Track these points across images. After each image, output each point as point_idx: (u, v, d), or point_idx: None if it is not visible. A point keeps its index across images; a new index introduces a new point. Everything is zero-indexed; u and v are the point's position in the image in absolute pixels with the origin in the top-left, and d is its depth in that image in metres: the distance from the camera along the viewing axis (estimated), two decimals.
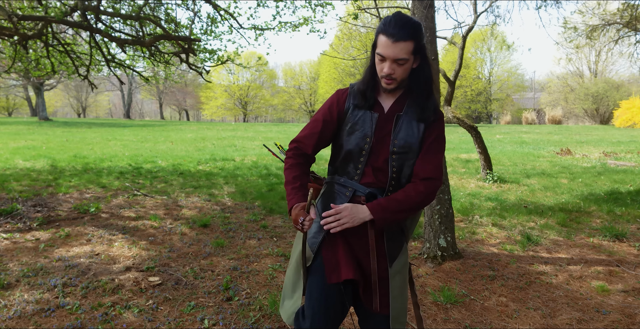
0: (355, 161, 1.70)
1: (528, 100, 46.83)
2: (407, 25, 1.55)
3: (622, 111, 27.92)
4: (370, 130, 1.67)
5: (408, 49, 1.56)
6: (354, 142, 1.69)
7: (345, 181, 1.72)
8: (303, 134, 1.76)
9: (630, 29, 10.27)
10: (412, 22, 1.57)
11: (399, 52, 1.55)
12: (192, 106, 56.76)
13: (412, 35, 1.56)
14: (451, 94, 7.59)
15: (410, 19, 1.58)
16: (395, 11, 1.67)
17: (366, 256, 1.68)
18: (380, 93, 1.72)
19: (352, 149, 1.69)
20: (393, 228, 1.73)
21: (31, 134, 18.42)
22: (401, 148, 1.66)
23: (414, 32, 1.56)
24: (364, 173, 1.69)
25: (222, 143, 16.21)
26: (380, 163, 1.68)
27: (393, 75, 1.60)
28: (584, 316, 2.85)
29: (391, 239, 1.72)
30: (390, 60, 1.57)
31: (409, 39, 1.55)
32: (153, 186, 7.18)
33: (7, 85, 36.28)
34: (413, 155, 1.68)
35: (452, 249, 3.84)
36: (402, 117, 1.68)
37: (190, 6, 7.24)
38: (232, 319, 2.79)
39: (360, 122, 1.69)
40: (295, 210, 1.61)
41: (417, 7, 3.78)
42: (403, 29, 1.54)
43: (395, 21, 1.56)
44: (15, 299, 2.99)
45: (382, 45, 1.57)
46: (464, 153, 12.42)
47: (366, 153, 1.67)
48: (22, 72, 10.17)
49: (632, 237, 4.52)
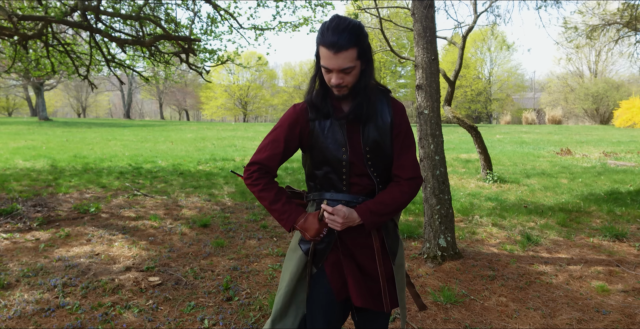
0: (338, 173, 1.63)
1: (528, 100, 46.83)
2: (345, 32, 1.44)
3: (622, 111, 27.92)
4: (343, 138, 1.61)
5: (352, 56, 1.48)
6: (331, 154, 1.62)
7: (334, 196, 1.65)
8: (264, 155, 1.65)
9: (630, 29, 10.27)
10: (350, 27, 1.46)
11: (342, 62, 1.47)
12: (192, 106, 56.77)
13: (353, 42, 1.46)
14: (451, 94, 7.59)
15: (348, 23, 1.46)
16: (333, 15, 1.56)
17: (367, 258, 1.66)
18: (335, 100, 1.65)
19: (331, 161, 1.62)
20: (388, 223, 1.72)
21: (31, 134, 18.42)
22: (372, 147, 1.62)
23: (354, 38, 1.46)
24: (350, 183, 1.64)
25: (222, 143, 16.21)
26: (361, 168, 1.63)
27: (342, 83, 1.54)
28: (584, 316, 2.85)
29: (388, 235, 1.71)
30: (335, 71, 1.51)
31: (351, 46, 1.46)
32: (153, 186, 7.18)
33: (7, 85, 36.28)
34: (387, 150, 1.64)
35: (452, 249, 3.84)
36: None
37: (190, 6, 7.24)
38: (232, 319, 2.79)
39: (330, 133, 1.62)
40: (307, 222, 1.58)
41: (417, 7, 3.78)
42: (342, 36, 1.44)
43: (333, 29, 1.45)
44: (15, 299, 2.99)
45: (324, 57, 1.48)
46: (464, 153, 12.43)
47: (346, 162, 1.61)
48: (22, 72, 10.17)
49: (632, 237, 4.52)
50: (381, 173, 1.66)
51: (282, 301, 1.69)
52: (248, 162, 1.69)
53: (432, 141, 3.78)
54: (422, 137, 3.82)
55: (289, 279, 1.69)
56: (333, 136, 1.61)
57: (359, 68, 1.54)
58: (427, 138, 3.79)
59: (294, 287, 1.69)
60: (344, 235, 1.65)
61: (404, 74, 39.40)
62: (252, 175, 1.65)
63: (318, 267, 1.67)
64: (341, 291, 1.65)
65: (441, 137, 3.83)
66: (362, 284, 1.64)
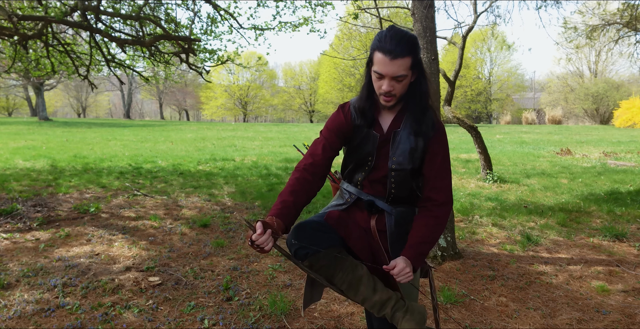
0: (359, 173, 1.77)
1: (528, 100, 46.81)
2: (403, 41, 1.52)
3: (622, 111, 27.92)
4: (372, 150, 1.71)
5: (406, 65, 1.54)
6: (358, 157, 1.75)
7: (349, 187, 1.81)
8: (312, 151, 1.76)
9: (630, 29, 10.27)
10: (408, 37, 1.54)
11: (397, 69, 1.53)
12: (192, 106, 56.76)
13: (410, 51, 1.53)
14: (451, 94, 7.59)
15: (406, 33, 1.55)
16: (389, 25, 1.65)
17: (364, 247, 1.74)
18: (379, 110, 1.73)
19: (356, 163, 1.76)
20: (399, 230, 1.76)
21: (31, 134, 18.42)
22: (400, 165, 1.69)
23: (411, 47, 1.54)
24: (363, 185, 1.78)
25: (222, 143, 16.21)
26: (379, 178, 1.73)
27: (392, 91, 1.59)
28: (584, 316, 2.85)
29: (395, 241, 1.76)
30: (388, 77, 1.55)
31: (407, 54, 1.53)
32: (153, 186, 7.18)
33: (7, 85, 36.26)
34: (412, 171, 1.71)
35: (452, 249, 3.84)
36: (399, 134, 1.69)
37: (190, 6, 7.25)
38: (232, 319, 2.79)
39: (364, 141, 1.72)
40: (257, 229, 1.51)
41: (417, 7, 3.78)
42: (400, 44, 1.51)
43: (391, 36, 1.52)
44: (15, 299, 2.99)
45: (380, 62, 1.54)
46: (464, 153, 12.42)
47: (368, 168, 1.74)
48: (22, 72, 10.17)
49: (632, 237, 4.52)
50: (398, 188, 1.73)
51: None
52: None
53: None
54: None
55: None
56: (366, 144, 1.73)
57: (409, 78, 1.61)
58: None
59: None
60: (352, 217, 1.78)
61: None
62: (300, 165, 1.75)
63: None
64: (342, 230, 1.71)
65: None
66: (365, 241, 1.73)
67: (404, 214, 1.76)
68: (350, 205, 1.80)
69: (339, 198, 1.86)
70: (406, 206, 1.78)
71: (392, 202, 1.76)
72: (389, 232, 1.74)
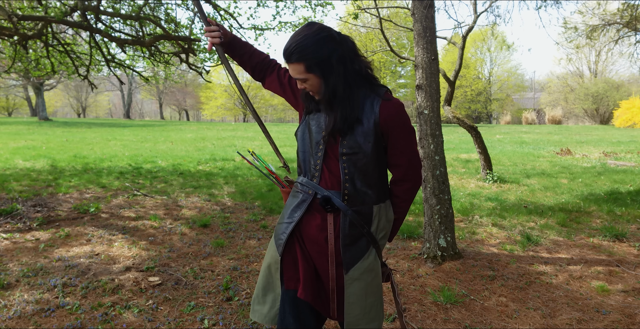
0: (315, 156, 1.62)
1: (528, 100, 46.81)
2: (291, 47, 1.47)
3: (622, 111, 27.92)
4: (323, 124, 1.60)
5: (300, 69, 1.50)
6: (311, 136, 1.63)
7: (306, 182, 1.65)
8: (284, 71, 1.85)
9: (630, 29, 10.27)
10: (295, 44, 1.46)
11: (294, 72, 1.53)
12: (192, 106, 56.75)
13: (299, 58, 1.47)
14: (451, 94, 7.59)
15: (295, 37, 1.47)
16: (307, 22, 1.71)
17: (323, 262, 1.65)
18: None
19: (310, 142, 1.64)
20: (354, 232, 1.63)
21: (31, 134, 18.41)
22: (351, 149, 1.56)
23: (299, 54, 1.46)
24: (322, 172, 1.61)
25: (222, 143, 16.21)
26: (332, 165, 1.60)
27: (307, 89, 1.58)
28: (584, 316, 2.85)
29: (349, 244, 1.62)
30: (294, 78, 1.56)
31: (295, 61, 1.49)
32: (153, 186, 7.18)
33: (7, 85, 36.26)
34: (363, 155, 1.56)
35: (452, 249, 3.84)
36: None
37: (190, 6, 7.25)
38: (232, 319, 2.79)
39: (315, 119, 1.64)
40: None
41: (417, 7, 3.78)
42: (287, 51, 1.49)
43: (290, 38, 1.49)
44: (15, 299, 2.99)
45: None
46: (464, 153, 12.43)
47: (322, 148, 1.60)
48: (22, 72, 10.17)
49: (632, 237, 4.52)
50: (352, 177, 1.59)
51: (260, 284, 1.74)
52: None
53: (432, 141, 3.78)
54: (422, 137, 3.82)
55: (265, 265, 1.74)
56: (317, 121, 1.63)
57: (316, 78, 1.51)
58: (427, 138, 3.79)
59: (268, 273, 1.72)
60: (300, 238, 1.67)
61: (404, 74, 39.36)
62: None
63: (280, 255, 1.68)
64: (291, 281, 1.64)
65: (441, 137, 3.83)
66: (314, 283, 1.63)
67: (361, 214, 1.62)
68: (308, 206, 1.64)
69: (293, 198, 1.71)
70: (365, 206, 1.62)
71: (349, 200, 1.61)
72: (342, 235, 1.61)
